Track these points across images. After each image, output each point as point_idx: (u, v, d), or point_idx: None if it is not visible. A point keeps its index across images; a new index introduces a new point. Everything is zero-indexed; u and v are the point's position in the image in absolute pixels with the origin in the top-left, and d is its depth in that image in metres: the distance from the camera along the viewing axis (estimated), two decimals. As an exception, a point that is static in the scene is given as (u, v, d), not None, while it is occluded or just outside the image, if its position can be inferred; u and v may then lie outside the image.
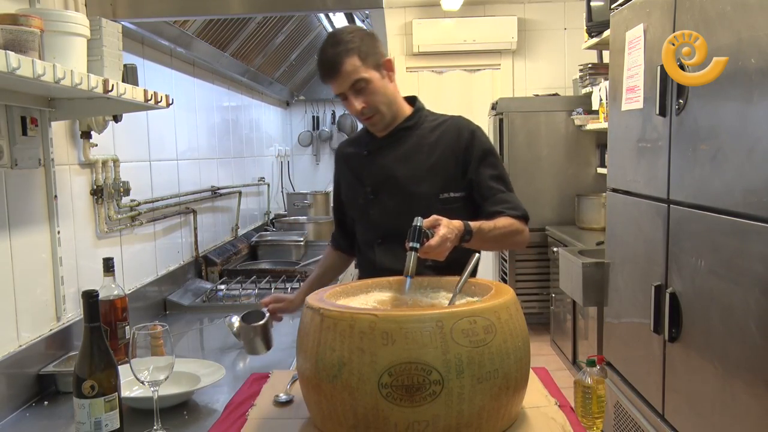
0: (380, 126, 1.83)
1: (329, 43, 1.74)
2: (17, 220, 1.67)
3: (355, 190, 1.90)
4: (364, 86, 1.74)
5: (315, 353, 1.21)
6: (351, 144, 1.99)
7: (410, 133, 1.85)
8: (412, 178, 1.81)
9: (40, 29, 1.36)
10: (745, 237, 1.79)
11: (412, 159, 1.82)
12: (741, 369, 1.83)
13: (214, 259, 3.07)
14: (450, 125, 1.87)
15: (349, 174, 1.95)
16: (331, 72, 1.72)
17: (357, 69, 1.72)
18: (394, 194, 1.83)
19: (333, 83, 1.74)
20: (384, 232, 1.84)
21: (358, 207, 1.91)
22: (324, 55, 1.73)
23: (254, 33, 3.17)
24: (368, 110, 1.77)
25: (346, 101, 1.78)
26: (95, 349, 1.28)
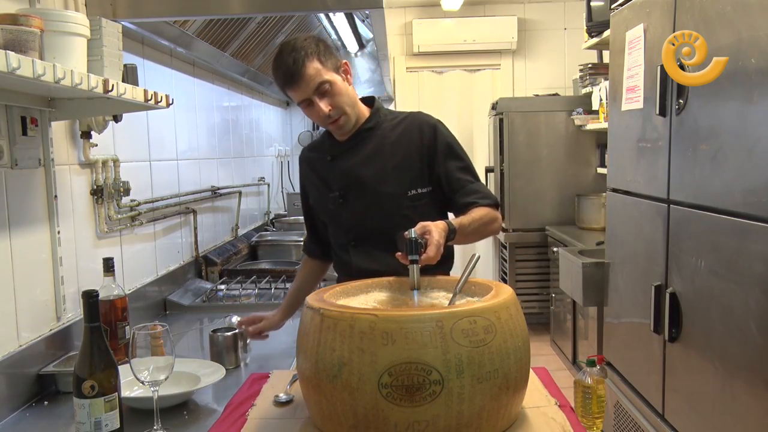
0: (347, 128, 1.81)
1: (285, 51, 1.71)
2: (17, 220, 1.67)
3: (324, 195, 1.89)
4: (328, 88, 1.73)
5: (315, 353, 1.21)
6: (313, 150, 1.97)
7: (371, 134, 1.84)
8: (378, 178, 1.81)
9: (40, 29, 1.36)
10: (745, 237, 1.79)
11: (376, 160, 1.82)
12: (741, 369, 1.83)
13: (214, 259, 3.07)
14: (410, 122, 1.86)
15: (315, 180, 1.93)
16: (294, 78, 1.69)
17: (319, 72, 1.71)
18: (362, 196, 1.82)
19: (296, 90, 1.72)
20: (356, 234, 1.84)
21: (328, 212, 1.90)
22: (283, 64, 1.71)
23: (254, 33, 3.17)
24: (335, 112, 1.75)
25: (309, 108, 1.75)
26: (95, 349, 1.28)
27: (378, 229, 1.80)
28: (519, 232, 4.91)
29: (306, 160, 1.98)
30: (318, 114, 1.75)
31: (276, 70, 1.74)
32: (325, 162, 1.89)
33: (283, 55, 1.72)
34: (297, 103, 1.77)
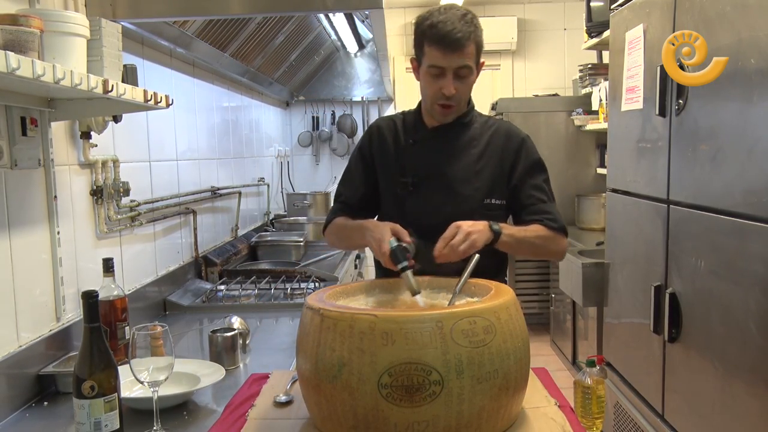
0: (450, 118, 1.75)
1: (458, 15, 1.64)
2: (17, 220, 1.67)
3: (394, 176, 1.79)
4: (467, 75, 1.68)
5: (315, 353, 1.21)
6: (392, 125, 1.85)
7: (463, 130, 1.78)
8: (459, 176, 1.74)
9: (39, 29, 1.36)
10: (744, 237, 1.79)
11: (462, 157, 1.76)
12: (741, 369, 1.83)
13: (214, 259, 3.07)
14: (500, 128, 1.81)
15: (388, 156, 1.82)
16: (455, 45, 1.61)
17: (472, 56, 1.66)
18: (437, 190, 1.75)
19: (448, 54, 1.63)
20: (418, 227, 1.68)
21: (392, 196, 1.79)
22: (452, 25, 1.62)
23: (254, 33, 3.17)
24: (455, 98, 1.69)
25: (436, 77, 1.67)
26: (95, 350, 1.28)
27: (441, 228, 1.67)
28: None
29: (380, 132, 1.85)
30: (440, 88, 1.67)
31: (436, 23, 1.63)
32: (406, 143, 1.80)
33: (452, 16, 1.64)
34: (427, 66, 1.67)
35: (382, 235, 1.54)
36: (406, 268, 1.46)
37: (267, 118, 4.82)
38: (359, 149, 1.88)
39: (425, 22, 1.66)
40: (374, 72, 5.40)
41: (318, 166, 5.80)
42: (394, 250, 1.48)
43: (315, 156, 5.79)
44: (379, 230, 1.57)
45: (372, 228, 1.60)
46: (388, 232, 1.54)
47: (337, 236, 1.84)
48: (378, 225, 1.60)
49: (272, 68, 4.04)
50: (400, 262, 1.47)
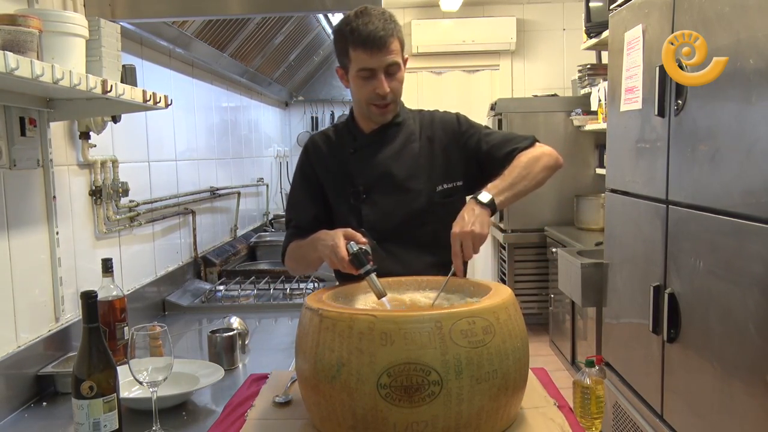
0: (388, 116, 1.75)
1: (375, 14, 1.63)
2: (16, 220, 1.67)
3: (342, 188, 1.77)
4: (396, 72, 1.68)
5: (314, 354, 1.21)
6: (327, 139, 1.84)
7: (399, 129, 1.79)
8: (407, 174, 1.74)
9: (38, 30, 1.36)
10: (743, 237, 1.79)
11: (404, 154, 1.76)
12: (739, 369, 1.83)
13: (213, 259, 3.07)
14: (432, 117, 1.83)
15: (331, 170, 1.80)
16: (376, 42, 1.61)
17: (398, 52, 1.66)
18: (389, 192, 1.74)
19: (374, 55, 1.62)
20: (379, 232, 1.71)
21: (346, 207, 1.76)
22: (371, 24, 1.61)
23: (253, 33, 3.17)
24: (390, 96, 1.69)
25: (368, 80, 1.66)
26: (94, 350, 1.28)
27: (404, 228, 1.73)
28: (518, 233, 4.92)
29: (316, 148, 1.83)
30: (374, 89, 1.66)
31: (357, 27, 1.62)
32: (346, 154, 1.79)
33: (371, 16, 1.63)
34: (356, 70, 1.66)
35: (335, 241, 1.50)
36: (369, 272, 1.44)
37: (266, 119, 4.82)
38: (300, 169, 1.85)
39: (346, 27, 1.65)
40: (373, 72, 5.40)
41: (317, 167, 5.79)
42: (355, 254, 1.45)
43: (314, 156, 5.78)
44: (330, 237, 1.53)
45: (323, 237, 1.57)
46: (340, 236, 1.51)
47: (294, 260, 1.79)
48: (328, 233, 1.56)
49: (271, 68, 4.04)
50: (362, 265, 1.45)
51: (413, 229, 1.73)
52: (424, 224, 1.73)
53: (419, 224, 1.73)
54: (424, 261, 1.70)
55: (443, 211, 1.68)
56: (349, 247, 1.47)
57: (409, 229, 1.73)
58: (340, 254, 1.47)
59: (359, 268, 1.45)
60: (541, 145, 1.76)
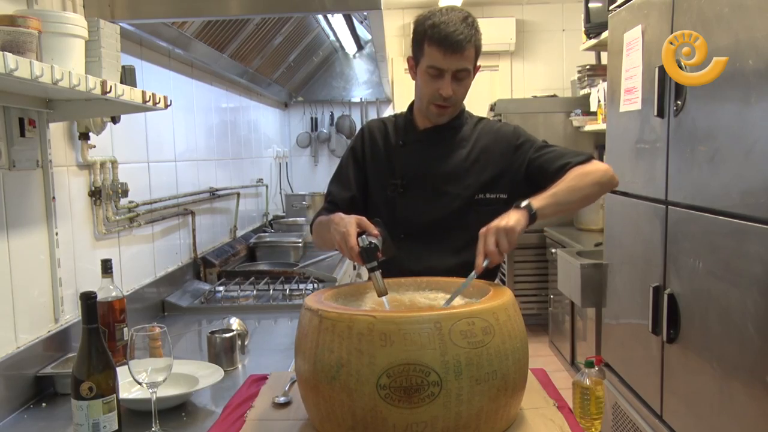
0: (445, 119, 1.76)
1: (459, 18, 1.64)
2: (15, 221, 1.67)
3: (384, 178, 1.79)
4: (464, 77, 1.68)
5: (313, 354, 1.21)
6: (383, 127, 1.85)
7: (452, 132, 1.79)
8: (446, 176, 1.74)
9: (38, 30, 1.36)
10: (743, 238, 1.79)
11: (450, 158, 1.76)
12: (739, 370, 1.83)
13: (213, 260, 3.07)
14: (490, 125, 1.82)
15: (378, 157, 1.82)
16: (456, 47, 1.62)
17: (471, 59, 1.67)
18: (426, 190, 1.75)
19: (448, 56, 1.63)
20: (409, 228, 1.73)
21: (383, 198, 1.79)
22: (454, 27, 1.62)
23: (253, 34, 3.17)
24: (453, 99, 1.69)
25: (434, 78, 1.67)
26: (93, 351, 1.28)
27: (432, 228, 1.73)
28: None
29: (371, 133, 1.85)
30: (437, 89, 1.67)
31: (438, 23, 1.63)
32: (395, 145, 1.80)
33: (454, 17, 1.64)
34: (426, 66, 1.66)
35: (347, 228, 1.48)
36: (375, 269, 1.44)
37: (265, 119, 4.82)
38: (351, 150, 1.87)
39: (427, 21, 1.66)
40: (373, 73, 5.40)
41: (316, 167, 5.80)
42: (365, 248, 1.44)
43: (313, 157, 5.79)
44: (344, 223, 1.51)
45: (337, 221, 1.54)
46: (353, 225, 1.49)
47: (317, 234, 1.79)
48: (343, 218, 1.54)
49: (271, 69, 4.04)
50: (370, 261, 1.44)
51: (442, 231, 1.73)
52: (454, 228, 1.72)
53: (449, 227, 1.73)
54: (446, 263, 1.68)
55: (476, 220, 1.60)
56: (361, 240, 1.46)
57: (438, 230, 1.73)
58: (350, 243, 1.46)
59: (366, 263, 1.45)
60: (597, 162, 1.71)
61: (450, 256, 1.71)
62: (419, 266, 1.63)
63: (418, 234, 1.73)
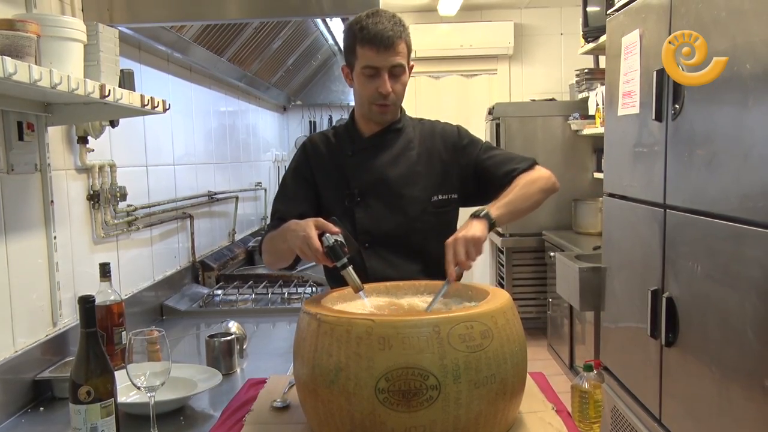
0: (388, 117, 1.76)
1: (385, 16, 1.67)
2: (13, 225, 1.67)
3: (338, 190, 1.77)
4: (400, 74, 1.70)
5: (312, 358, 1.21)
6: (326, 140, 1.84)
7: (398, 135, 1.80)
8: (403, 180, 1.75)
9: (36, 34, 1.36)
10: (741, 242, 1.79)
11: (402, 161, 1.77)
12: (738, 373, 1.83)
13: (211, 264, 3.07)
14: (433, 126, 1.84)
15: (328, 172, 1.80)
16: (386, 42, 1.64)
17: (404, 55, 1.68)
18: (383, 197, 1.75)
19: (380, 53, 1.65)
20: (371, 236, 1.74)
21: (341, 209, 1.75)
22: (380, 24, 1.65)
23: (251, 38, 3.17)
24: (392, 98, 1.70)
25: (371, 78, 1.68)
26: (91, 355, 1.27)
27: (396, 234, 1.74)
28: (516, 237, 4.92)
29: (315, 148, 1.84)
30: (377, 88, 1.68)
31: (366, 25, 1.65)
32: (344, 156, 1.80)
33: (381, 17, 1.66)
34: (361, 67, 1.68)
35: (307, 231, 1.46)
36: (346, 265, 1.42)
37: (264, 123, 4.83)
38: (296, 166, 1.85)
39: (356, 25, 1.69)
40: (371, 76, 5.41)
41: (315, 171, 5.79)
42: (331, 246, 1.42)
43: (312, 160, 5.78)
44: (302, 227, 1.48)
45: (293, 227, 1.51)
46: (312, 226, 1.46)
47: (267, 252, 1.75)
48: (299, 223, 1.51)
49: (269, 73, 4.05)
50: (339, 258, 1.42)
51: (404, 235, 1.74)
52: (415, 232, 1.74)
53: (411, 231, 1.74)
54: (412, 268, 1.71)
55: (435, 221, 1.72)
56: (325, 240, 1.43)
57: (400, 235, 1.74)
58: (313, 246, 1.43)
59: (335, 261, 1.43)
60: (540, 168, 1.78)
61: (414, 260, 1.73)
62: (391, 272, 1.65)
63: (382, 241, 1.73)
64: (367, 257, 1.75)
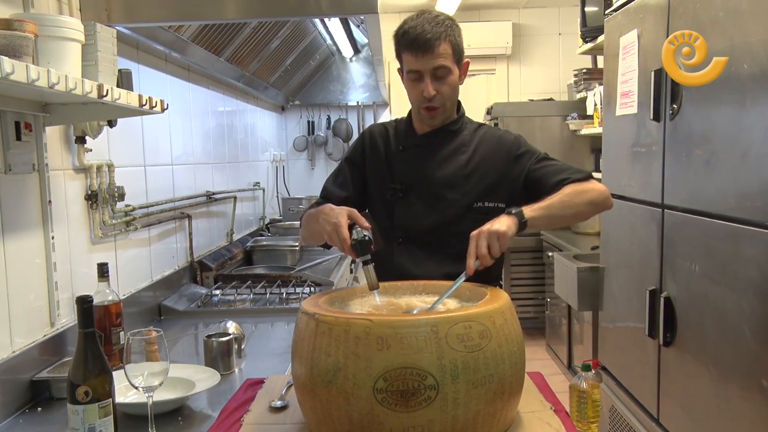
0: (437, 120, 1.75)
1: (427, 19, 1.67)
2: (11, 225, 1.67)
3: (383, 182, 1.79)
4: (444, 75, 1.68)
5: (310, 358, 1.20)
6: (384, 132, 1.86)
7: (452, 137, 1.79)
8: (446, 182, 1.74)
9: (34, 34, 1.36)
10: (738, 241, 1.80)
11: (450, 163, 1.76)
12: (735, 373, 1.83)
13: (209, 264, 3.06)
14: (491, 132, 1.82)
15: (379, 162, 1.82)
16: (425, 45, 1.63)
17: (447, 55, 1.67)
18: (424, 196, 1.75)
19: (419, 57, 1.65)
20: (406, 233, 1.74)
21: (382, 202, 1.79)
22: (420, 27, 1.65)
23: (249, 38, 3.17)
24: (438, 99, 1.69)
25: (415, 82, 1.69)
26: (89, 355, 1.27)
27: (430, 234, 1.73)
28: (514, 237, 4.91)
29: (372, 138, 1.85)
30: (421, 92, 1.68)
31: (407, 29, 1.67)
32: (395, 150, 1.80)
33: (423, 20, 1.66)
34: (406, 71, 1.70)
35: (338, 219, 1.48)
36: (368, 262, 1.43)
37: (262, 123, 4.83)
38: (351, 153, 1.89)
39: (399, 31, 1.70)
40: (369, 77, 5.41)
41: (313, 171, 5.80)
42: (360, 241, 1.44)
43: (310, 160, 5.79)
44: (334, 214, 1.50)
45: (327, 212, 1.53)
46: (344, 216, 1.48)
47: (305, 227, 1.76)
48: (333, 209, 1.53)
49: (268, 73, 4.05)
50: (364, 254, 1.43)
51: (440, 237, 1.73)
52: (452, 235, 1.70)
53: (447, 234, 1.72)
54: (443, 269, 1.66)
55: (475, 227, 1.60)
56: (355, 233, 1.45)
57: (435, 236, 1.73)
58: (342, 235, 1.46)
59: (359, 256, 1.44)
60: (595, 182, 1.72)
61: (447, 263, 1.70)
62: (417, 271, 1.64)
63: (416, 239, 1.73)
64: (397, 253, 1.76)
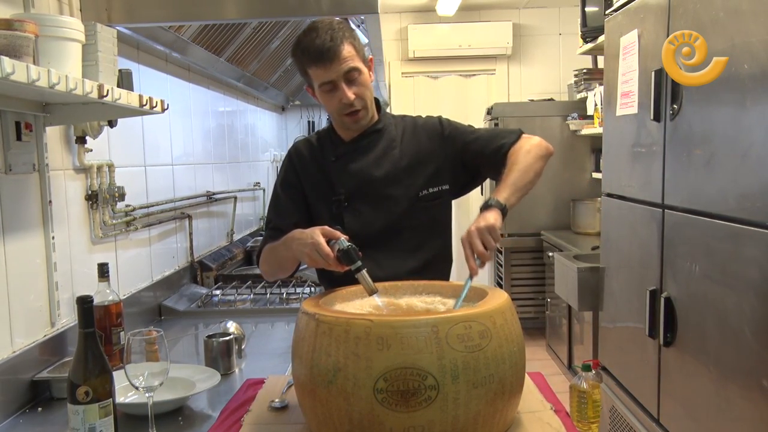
0: (362, 123, 1.74)
1: (321, 28, 1.63)
2: (11, 225, 1.67)
3: (325, 196, 1.77)
4: (357, 77, 1.66)
5: (310, 358, 1.20)
6: (310, 147, 1.83)
7: (379, 136, 1.78)
8: (387, 180, 1.74)
9: (34, 34, 1.36)
10: (739, 241, 1.80)
11: (386, 161, 1.75)
12: (735, 373, 1.83)
13: (210, 264, 3.06)
14: (411, 123, 1.83)
15: (314, 179, 1.79)
16: (327, 54, 1.61)
17: (353, 57, 1.65)
18: (370, 199, 1.74)
19: (326, 68, 1.62)
20: (361, 239, 1.68)
21: (329, 215, 1.75)
22: (317, 39, 1.62)
23: (250, 38, 3.17)
24: (358, 102, 1.68)
25: (330, 93, 1.66)
26: (90, 355, 1.27)
27: (385, 235, 1.73)
28: (514, 237, 4.92)
29: (300, 156, 1.82)
30: (340, 100, 1.66)
31: (306, 45, 1.64)
32: (327, 162, 1.79)
33: (318, 30, 1.63)
34: (318, 86, 1.67)
35: (314, 238, 1.46)
36: (360, 268, 1.42)
37: (262, 123, 4.83)
38: (284, 176, 1.85)
39: (297, 48, 1.67)
40: (370, 77, 5.41)
41: (314, 171, 5.79)
42: (345, 250, 1.42)
43: (311, 160, 5.79)
44: (308, 235, 1.49)
45: (299, 236, 1.52)
46: (319, 234, 1.47)
47: (268, 263, 1.74)
48: (304, 231, 1.52)
49: (268, 73, 4.04)
50: (353, 262, 1.42)
51: (394, 235, 1.73)
52: (404, 229, 1.73)
53: (400, 230, 1.73)
54: (406, 266, 1.70)
55: (426, 216, 1.71)
56: (338, 244, 1.44)
57: (390, 235, 1.73)
58: (324, 251, 1.44)
59: (349, 265, 1.42)
60: (529, 137, 1.78)
61: (408, 258, 1.73)
62: (381, 273, 1.60)
63: (372, 242, 1.70)
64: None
